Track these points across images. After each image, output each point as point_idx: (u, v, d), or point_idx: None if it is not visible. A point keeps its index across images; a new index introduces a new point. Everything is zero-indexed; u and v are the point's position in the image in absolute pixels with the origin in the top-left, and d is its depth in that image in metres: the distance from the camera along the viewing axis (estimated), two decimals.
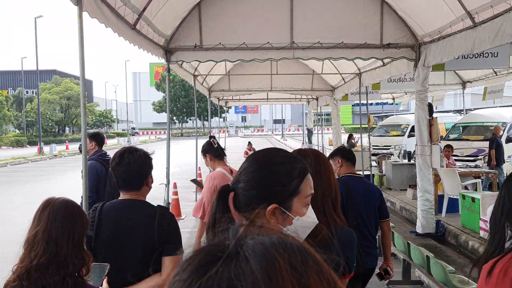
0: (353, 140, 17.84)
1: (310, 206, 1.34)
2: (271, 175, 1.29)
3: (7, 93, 69.46)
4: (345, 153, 3.95)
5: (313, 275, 0.53)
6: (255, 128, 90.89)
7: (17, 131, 61.80)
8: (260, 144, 31.55)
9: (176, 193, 10.02)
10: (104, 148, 5.24)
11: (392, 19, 7.49)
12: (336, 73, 12.26)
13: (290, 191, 1.28)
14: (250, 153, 17.98)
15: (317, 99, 17.59)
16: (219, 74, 13.09)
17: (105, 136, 5.43)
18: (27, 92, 65.80)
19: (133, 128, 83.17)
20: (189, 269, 0.53)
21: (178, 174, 17.60)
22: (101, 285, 2.10)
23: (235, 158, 25.89)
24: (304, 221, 1.30)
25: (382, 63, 9.20)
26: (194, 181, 9.38)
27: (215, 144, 4.44)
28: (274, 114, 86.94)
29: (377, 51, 7.58)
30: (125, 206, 2.50)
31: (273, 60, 7.87)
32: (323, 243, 1.43)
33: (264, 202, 1.25)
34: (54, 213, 1.90)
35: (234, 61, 8.41)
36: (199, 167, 13.01)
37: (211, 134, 5.67)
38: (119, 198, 2.56)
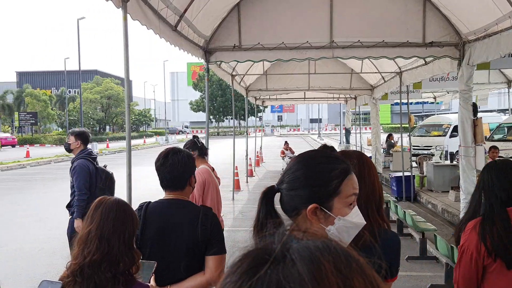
0: (392, 140, 17.52)
1: (356, 207, 1.34)
2: (312, 175, 1.31)
3: (51, 92, 71.99)
4: None
5: (357, 277, 0.55)
6: (291, 127, 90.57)
7: (60, 129, 63.82)
8: (296, 144, 31.49)
9: None
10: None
11: (435, 17, 7.30)
12: (376, 72, 12.07)
13: (330, 191, 1.29)
14: (286, 152, 17.99)
15: (355, 98, 17.38)
16: (256, 74, 13.13)
17: (90, 134, 5.62)
18: (69, 91, 67.94)
19: (186, 127, 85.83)
20: (239, 271, 0.56)
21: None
22: (149, 282, 2.15)
23: (272, 157, 26.02)
24: (347, 221, 1.30)
25: (424, 62, 8.99)
26: None
27: (199, 144, 4.69)
28: (310, 113, 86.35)
29: (419, 50, 7.41)
30: (170, 205, 2.55)
31: (312, 59, 7.83)
32: (365, 246, 1.44)
33: (306, 202, 1.28)
34: (106, 212, 1.96)
35: (273, 61, 8.41)
36: (236, 166, 13.09)
37: (194, 134, 5.88)
38: (164, 197, 2.61)
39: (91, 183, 5.20)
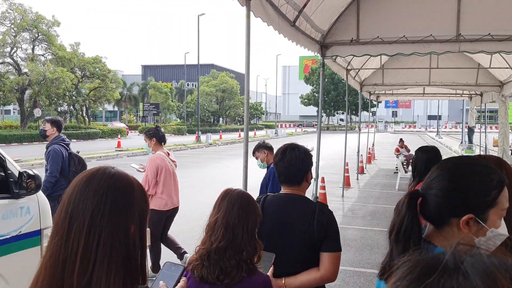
0: None
1: (502, 218, 1.31)
2: (469, 186, 1.28)
3: (171, 85, 77.08)
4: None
5: None
6: (406, 123, 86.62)
7: (178, 120, 68.09)
8: (412, 141, 30.03)
9: (323, 188, 10.08)
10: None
11: None
12: (506, 67, 11.03)
13: (488, 202, 1.26)
14: (401, 150, 17.22)
15: (481, 95, 16.05)
16: (372, 68, 12.74)
17: (63, 122, 6.15)
18: (187, 84, 72.01)
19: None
20: (409, 278, 0.60)
21: (325, 168, 17.66)
22: (268, 273, 2.22)
23: (384, 154, 25.16)
24: (498, 233, 1.27)
25: None
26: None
27: (160, 132, 5.79)
28: (428, 109, 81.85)
29: None
30: (286, 200, 2.58)
31: (435, 53, 7.38)
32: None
33: (457, 211, 1.26)
34: (232, 202, 2.06)
35: (392, 55, 8.10)
36: (347, 163, 12.87)
37: (157, 124, 7.29)
38: (281, 192, 2.66)
39: (63, 167, 5.66)
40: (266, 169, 5.54)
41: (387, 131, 67.99)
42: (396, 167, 16.25)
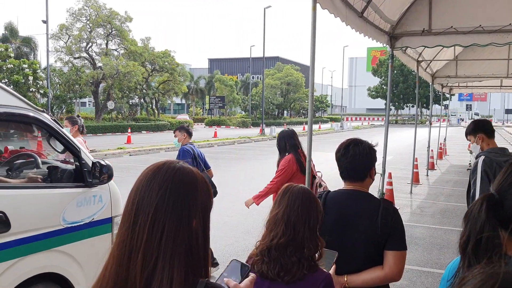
0: None
1: None
2: None
3: (237, 78, 78.09)
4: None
5: None
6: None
7: (243, 113, 68.89)
8: None
9: (390, 183, 9.77)
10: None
11: None
12: None
13: None
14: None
15: None
16: (445, 60, 12.12)
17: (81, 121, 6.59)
18: (252, 77, 72.57)
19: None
20: None
21: (393, 163, 17.14)
22: (330, 271, 2.17)
23: (457, 150, 23.98)
24: None
25: None
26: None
27: (80, 121, 6.41)
28: (506, 103, 77.02)
29: None
30: (349, 196, 2.52)
31: None
32: None
33: None
34: (293, 199, 2.03)
35: (467, 46, 7.63)
36: (416, 158, 12.39)
37: (78, 114, 7.52)
38: (343, 187, 2.59)
39: None
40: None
41: (460, 125, 64.73)
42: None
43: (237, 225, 8.17)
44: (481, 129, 4.21)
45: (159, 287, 1.16)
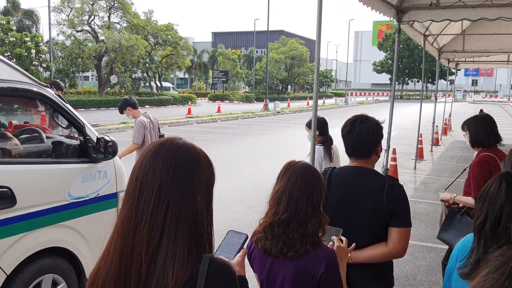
0: None
1: None
2: None
3: (240, 52, 77.26)
4: None
5: None
6: (487, 93, 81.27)
7: (247, 88, 68.43)
8: (493, 112, 28.09)
9: (394, 159, 9.76)
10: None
11: None
12: None
13: None
14: None
15: None
16: (452, 34, 11.93)
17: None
18: (256, 51, 71.75)
19: None
20: (500, 272, 0.61)
21: (397, 139, 17.09)
22: (334, 248, 2.18)
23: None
24: None
25: None
26: None
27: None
28: None
29: None
30: (354, 173, 2.51)
31: None
32: None
33: None
34: (295, 175, 2.01)
35: (475, 20, 7.49)
36: (421, 133, 12.33)
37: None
38: (348, 164, 2.58)
39: None
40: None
41: (465, 100, 64.27)
42: None
43: (240, 200, 8.21)
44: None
45: (164, 262, 1.17)
